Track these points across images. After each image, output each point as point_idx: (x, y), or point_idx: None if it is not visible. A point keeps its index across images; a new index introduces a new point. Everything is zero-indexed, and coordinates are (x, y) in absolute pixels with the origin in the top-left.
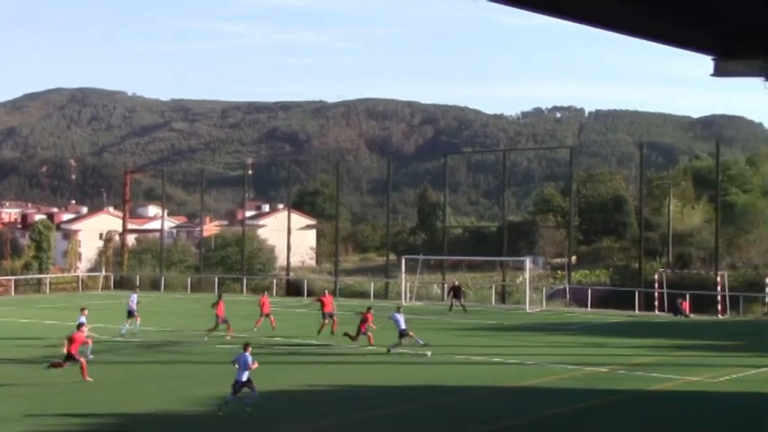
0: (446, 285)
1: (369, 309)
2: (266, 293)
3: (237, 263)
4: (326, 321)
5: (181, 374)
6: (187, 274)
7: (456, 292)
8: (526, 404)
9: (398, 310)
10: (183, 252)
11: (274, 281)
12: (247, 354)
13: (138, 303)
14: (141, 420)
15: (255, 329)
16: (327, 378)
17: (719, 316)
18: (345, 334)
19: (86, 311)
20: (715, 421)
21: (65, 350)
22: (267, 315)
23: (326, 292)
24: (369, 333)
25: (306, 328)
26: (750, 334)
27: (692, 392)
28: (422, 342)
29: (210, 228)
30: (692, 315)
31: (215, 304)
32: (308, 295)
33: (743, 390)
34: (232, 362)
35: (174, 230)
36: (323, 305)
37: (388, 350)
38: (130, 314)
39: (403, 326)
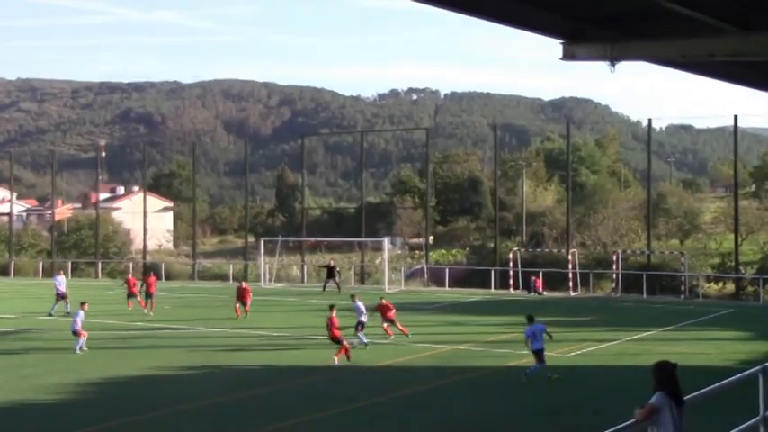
0: (306, 267)
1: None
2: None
3: (92, 247)
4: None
5: (32, 362)
6: (39, 258)
7: (330, 271)
8: (385, 382)
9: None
10: (33, 236)
11: (131, 264)
12: None
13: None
14: None
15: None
16: (178, 362)
17: (571, 293)
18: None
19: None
20: (565, 393)
21: None
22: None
23: (151, 273)
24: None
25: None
26: (599, 310)
27: (546, 367)
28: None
29: (63, 211)
30: (545, 292)
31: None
32: (165, 278)
33: (592, 363)
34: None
35: (24, 214)
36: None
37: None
38: (61, 296)
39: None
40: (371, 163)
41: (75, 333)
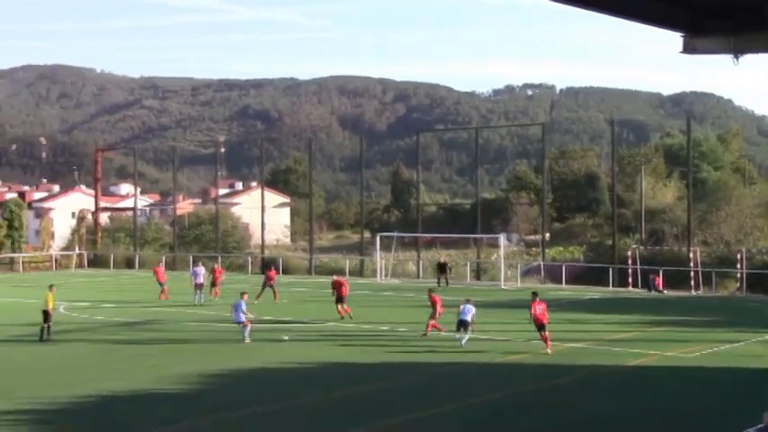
0: (422, 262)
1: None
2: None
3: (212, 241)
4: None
5: (157, 353)
6: (162, 252)
7: (442, 268)
8: (502, 380)
9: (467, 301)
10: (156, 230)
11: (249, 258)
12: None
13: (203, 275)
14: (118, 399)
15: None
16: (299, 356)
17: (692, 292)
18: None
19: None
20: (689, 395)
21: None
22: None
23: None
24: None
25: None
26: (723, 309)
27: (666, 367)
28: (462, 340)
29: (184, 206)
30: (665, 291)
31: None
32: (283, 273)
33: (717, 364)
34: None
35: (148, 209)
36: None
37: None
38: (199, 287)
39: (466, 317)
40: (487, 159)
41: (240, 323)
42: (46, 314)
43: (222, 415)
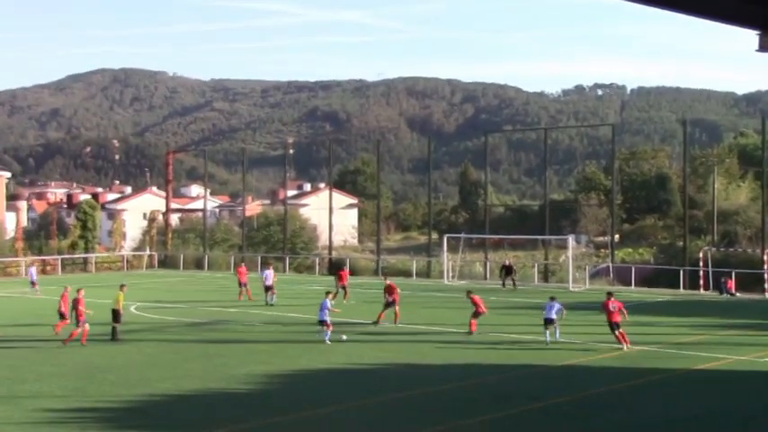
0: (489, 264)
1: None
2: (243, 264)
3: (280, 242)
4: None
5: (225, 353)
6: (230, 253)
7: (508, 270)
8: (571, 382)
9: (552, 299)
10: (226, 231)
11: (317, 260)
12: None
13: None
14: (189, 398)
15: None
16: (367, 357)
17: (766, 295)
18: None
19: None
20: (760, 399)
21: None
22: (244, 285)
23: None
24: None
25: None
26: None
27: (737, 371)
28: (551, 339)
29: (253, 207)
30: (738, 294)
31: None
32: (351, 274)
33: None
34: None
35: (217, 210)
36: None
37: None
38: (268, 289)
39: (551, 315)
40: (555, 160)
41: (323, 323)
42: (116, 313)
43: (291, 416)
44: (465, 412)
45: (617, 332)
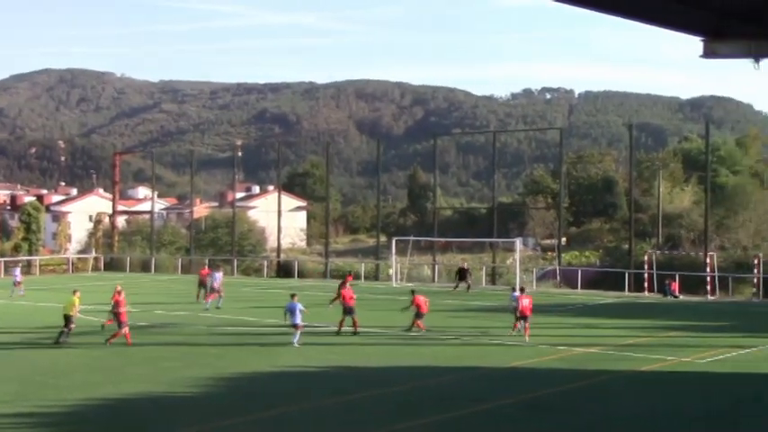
0: (438, 267)
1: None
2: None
3: (228, 244)
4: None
5: (168, 356)
6: (177, 255)
7: (463, 273)
8: (516, 384)
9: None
10: (173, 234)
11: (265, 262)
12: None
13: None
14: (132, 402)
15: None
16: (314, 360)
17: (709, 297)
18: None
19: None
20: (702, 399)
21: None
22: (205, 287)
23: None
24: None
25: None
26: (739, 315)
27: (680, 372)
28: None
29: (201, 209)
30: (681, 296)
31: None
32: (298, 276)
33: (730, 369)
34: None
35: (165, 212)
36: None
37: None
38: (214, 291)
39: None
40: (504, 163)
41: (295, 325)
42: (68, 318)
43: (234, 419)
44: (408, 415)
45: (526, 324)
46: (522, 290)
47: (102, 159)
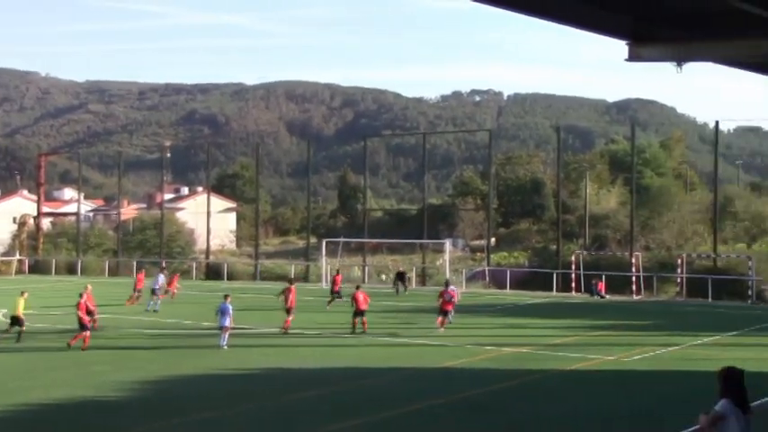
0: (368, 268)
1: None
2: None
3: (156, 246)
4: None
5: (98, 360)
6: (105, 257)
7: (401, 276)
8: (448, 384)
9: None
10: (100, 236)
11: (194, 264)
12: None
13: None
14: (55, 407)
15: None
16: (248, 362)
17: (634, 296)
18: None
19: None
20: (628, 398)
21: None
22: (139, 291)
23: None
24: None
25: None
26: (663, 314)
27: (606, 371)
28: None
29: (129, 211)
30: (607, 296)
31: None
32: (227, 278)
33: (655, 368)
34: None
35: (91, 214)
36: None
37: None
38: (153, 292)
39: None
40: (434, 164)
41: (223, 327)
42: (16, 319)
43: (159, 423)
44: (338, 416)
45: (449, 318)
46: (447, 283)
47: (26, 160)
